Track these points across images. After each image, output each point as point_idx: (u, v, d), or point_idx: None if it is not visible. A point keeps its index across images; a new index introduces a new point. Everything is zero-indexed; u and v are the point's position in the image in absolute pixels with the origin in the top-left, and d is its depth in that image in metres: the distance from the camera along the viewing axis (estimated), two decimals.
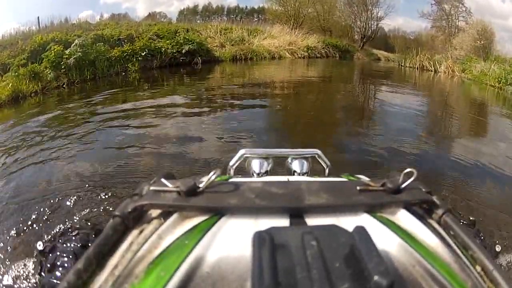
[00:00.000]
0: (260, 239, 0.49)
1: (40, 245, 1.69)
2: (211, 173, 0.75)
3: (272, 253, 0.47)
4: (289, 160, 1.43)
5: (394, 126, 5.79)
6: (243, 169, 1.40)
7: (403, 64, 17.03)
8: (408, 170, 0.77)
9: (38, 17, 15.40)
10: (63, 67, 10.08)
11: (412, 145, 4.76)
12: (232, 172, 1.32)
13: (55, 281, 1.48)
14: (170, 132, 4.97)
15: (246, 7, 22.24)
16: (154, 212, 0.73)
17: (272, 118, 6.41)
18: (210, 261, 0.55)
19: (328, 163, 1.37)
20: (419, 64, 15.77)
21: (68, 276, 0.54)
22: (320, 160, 1.37)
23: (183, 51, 12.73)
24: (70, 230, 1.73)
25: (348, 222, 0.66)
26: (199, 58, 13.13)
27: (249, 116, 6.08)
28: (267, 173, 1.37)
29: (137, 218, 0.71)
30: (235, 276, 0.52)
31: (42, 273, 1.57)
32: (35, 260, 2.05)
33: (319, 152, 1.36)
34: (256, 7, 22.18)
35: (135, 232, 0.67)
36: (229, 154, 4.14)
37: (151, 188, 0.75)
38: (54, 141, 4.77)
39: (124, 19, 17.83)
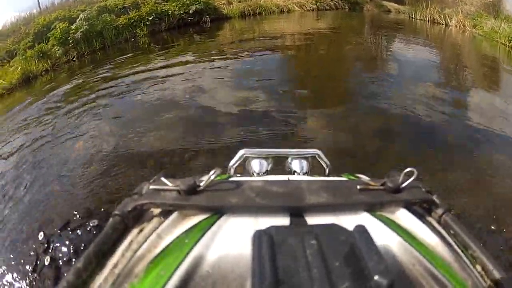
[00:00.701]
0: (260, 238, 0.49)
1: None
2: (211, 172, 0.74)
3: (272, 252, 0.47)
4: (289, 160, 1.41)
5: (403, 80, 5.50)
6: (243, 169, 1.39)
7: (413, 16, 16.26)
8: (408, 169, 0.76)
9: (38, 0, 15.35)
10: (70, 41, 10.07)
11: (421, 100, 4.66)
12: (232, 172, 1.32)
13: None
14: (186, 88, 4.97)
15: None
16: (154, 211, 0.72)
17: (284, 70, 6.21)
18: (210, 260, 0.54)
19: (328, 163, 1.36)
20: (430, 17, 14.95)
21: (68, 275, 0.54)
22: (320, 160, 1.36)
23: (191, 11, 12.46)
24: None
25: (348, 221, 0.65)
26: (207, 16, 12.83)
27: (262, 68, 5.91)
28: (267, 173, 1.36)
29: (137, 217, 0.70)
30: (235, 275, 0.51)
31: None
32: None
33: (319, 152, 1.36)
34: None
35: (135, 231, 0.67)
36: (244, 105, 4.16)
37: (151, 187, 0.75)
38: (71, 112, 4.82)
39: None
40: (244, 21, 13.37)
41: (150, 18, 11.72)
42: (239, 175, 1.20)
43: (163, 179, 0.76)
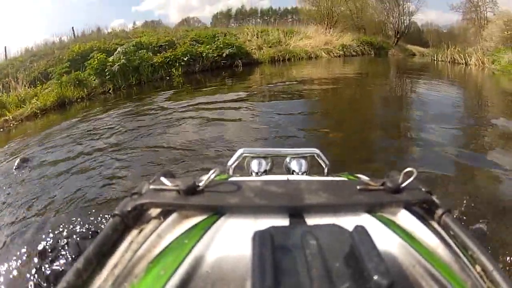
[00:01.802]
0: (259, 238, 0.49)
1: None
2: (210, 172, 0.75)
3: (272, 252, 0.46)
4: (288, 159, 1.41)
5: (424, 120, 5.49)
6: (242, 169, 1.38)
7: (435, 58, 16.65)
8: (408, 169, 0.76)
9: (73, 28, 15.92)
10: (107, 73, 10.31)
11: (446, 134, 4.66)
12: (231, 171, 1.31)
13: None
14: (218, 128, 5.00)
15: (279, 8, 22.31)
16: (154, 211, 0.72)
17: (313, 111, 6.27)
18: (209, 260, 0.54)
19: (327, 162, 1.35)
20: (450, 58, 15.35)
21: (68, 275, 0.53)
22: (319, 160, 1.35)
23: (224, 54, 12.80)
24: None
25: (347, 221, 0.65)
26: (239, 61, 13.21)
27: (290, 109, 6.02)
28: (266, 172, 1.36)
29: (137, 217, 0.70)
30: (235, 275, 0.51)
31: None
32: None
33: (317, 151, 1.35)
34: (289, 7, 22.21)
35: (134, 231, 0.67)
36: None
37: (151, 187, 0.75)
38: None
39: (158, 25, 18.24)
40: (274, 67, 13.64)
41: (185, 59, 12.02)
42: (238, 174, 1.18)
43: (162, 179, 0.76)
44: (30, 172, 3.96)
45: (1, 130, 7.25)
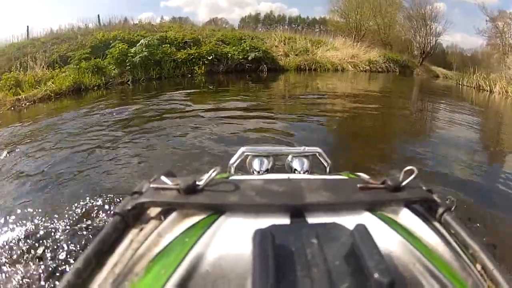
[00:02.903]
0: (260, 237, 0.49)
1: None
2: (211, 171, 0.73)
3: (273, 251, 0.47)
4: (290, 158, 1.41)
5: (441, 153, 5.08)
6: (243, 167, 1.38)
7: (460, 83, 16.41)
8: (408, 168, 0.76)
9: (98, 15, 15.88)
10: (128, 64, 10.15)
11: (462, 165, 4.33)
12: (232, 170, 1.31)
13: None
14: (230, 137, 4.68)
15: (308, 17, 22.37)
16: (154, 210, 0.72)
17: (331, 133, 5.89)
18: (210, 259, 0.54)
19: (329, 161, 1.36)
20: (476, 83, 15.08)
21: (68, 275, 0.53)
22: (320, 159, 1.36)
23: (249, 58, 12.59)
24: None
25: (348, 220, 0.65)
26: (264, 66, 12.99)
27: (309, 127, 5.68)
28: (267, 171, 1.36)
29: (137, 216, 0.69)
30: (236, 274, 0.51)
31: None
32: None
33: (319, 150, 1.36)
34: (317, 17, 22.20)
35: (135, 230, 0.66)
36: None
37: (151, 185, 0.74)
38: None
39: (185, 22, 18.19)
40: (299, 75, 13.42)
41: (210, 58, 11.85)
42: (239, 173, 1.21)
43: (163, 178, 0.75)
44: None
45: (12, 108, 7.05)
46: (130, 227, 0.67)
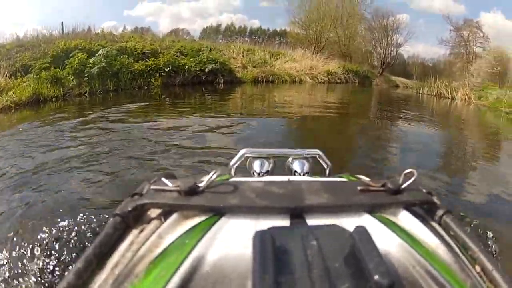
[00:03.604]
0: (260, 238, 0.49)
1: None
2: (212, 173, 0.75)
3: (273, 253, 0.47)
4: (290, 160, 1.43)
5: (404, 154, 5.57)
6: (244, 169, 1.39)
7: (421, 92, 16.93)
8: (408, 170, 0.77)
9: (62, 23, 15.60)
10: (86, 75, 10.11)
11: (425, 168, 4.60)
12: (232, 172, 1.32)
13: None
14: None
15: (268, 29, 22.58)
16: (155, 212, 0.73)
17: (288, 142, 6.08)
18: (210, 261, 0.54)
19: (329, 163, 1.37)
20: (437, 92, 15.61)
21: (68, 275, 0.53)
22: (320, 161, 1.37)
23: (206, 70, 12.77)
24: None
25: (348, 222, 0.66)
26: (221, 77, 13.18)
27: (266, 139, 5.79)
28: (268, 173, 1.38)
29: (138, 217, 0.70)
30: (236, 276, 0.51)
31: None
32: None
33: (320, 152, 1.37)
34: (278, 29, 22.51)
35: (135, 232, 0.67)
36: None
37: (152, 187, 0.75)
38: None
39: (147, 32, 18.14)
40: (256, 87, 13.63)
41: (167, 70, 11.90)
42: (240, 175, 1.19)
43: (163, 179, 0.77)
44: None
45: None
46: (131, 228, 0.68)
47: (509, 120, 10.41)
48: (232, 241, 0.60)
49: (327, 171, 1.37)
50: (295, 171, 1.39)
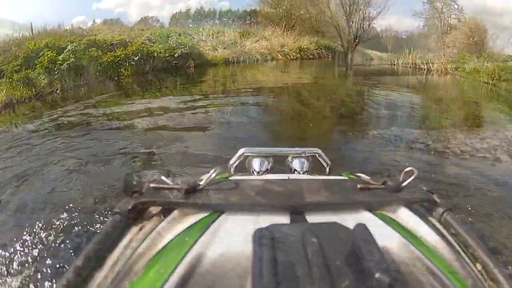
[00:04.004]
0: (260, 236, 0.50)
1: None
2: (211, 171, 0.76)
3: (273, 250, 0.47)
4: (289, 159, 1.41)
5: (383, 124, 5.80)
6: (243, 168, 1.38)
7: (395, 63, 16.98)
8: (408, 169, 0.78)
9: (32, 24, 15.43)
10: (56, 72, 10.11)
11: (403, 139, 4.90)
12: (232, 170, 1.32)
13: None
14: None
15: (238, 9, 22.33)
16: (154, 209, 0.74)
17: (264, 117, 6.46)
18: (210, 258, 0.54)
19: (329, 161, 1.36)
20: (412, 63, 15.70)
21: (68, 273, 0.54)
22: (320, 159, 1.37)
23: (176, 55, 12.78)
24: None
25: (349, 220, 0.65)
26: (191, 61, 13.23)
27: (240, 118, 6.09)
28: (267, 171, 1.35)
29: (137, 215, 0.72)
30: (236, 273, 0.51)
31: None
32: None
33: (319, 151, 1.36)
34: (248, 9, 22.31)
35: (135, 229, 0.68)
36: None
37: (151, 185, 0.76)
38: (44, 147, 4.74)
39: (116, 24, 17.91)
40: (228, 68, 13.72)
41: (136, 58, 11.88)
42: (239, 174, 1.20)
43: (163, 177, 0.76)
44: None
45: None
46: (130, 226, 0.68)
47: (488, 90, 10.58)
48: (232, 238, 0.60)
49: (327, 170, 1.37)
50: (295, 170, 1.36)
